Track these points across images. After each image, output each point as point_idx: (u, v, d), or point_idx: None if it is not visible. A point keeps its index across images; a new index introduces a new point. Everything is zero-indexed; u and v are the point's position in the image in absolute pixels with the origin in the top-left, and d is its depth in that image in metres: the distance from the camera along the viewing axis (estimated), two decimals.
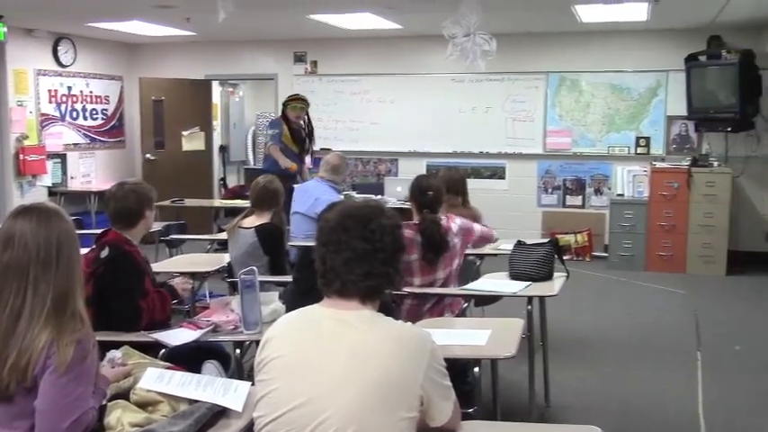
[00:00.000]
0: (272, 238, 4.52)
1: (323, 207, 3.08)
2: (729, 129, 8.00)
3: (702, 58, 8.06)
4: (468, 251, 5.01)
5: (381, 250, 1.88)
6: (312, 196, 5.65)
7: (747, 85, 7.69)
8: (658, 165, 8.28)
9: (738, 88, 7.65)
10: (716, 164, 8.09)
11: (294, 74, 9.74)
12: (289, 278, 4.15)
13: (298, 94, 7.77)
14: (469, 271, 4.75)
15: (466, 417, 2.83)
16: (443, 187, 4.32)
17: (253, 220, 4.57)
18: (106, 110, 9.95)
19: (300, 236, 5.49)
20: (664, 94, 8.55)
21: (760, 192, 8.15)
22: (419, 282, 3.96)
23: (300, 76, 9.72)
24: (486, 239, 4.52)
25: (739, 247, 8.15)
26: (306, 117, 7.70)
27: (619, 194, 8.55)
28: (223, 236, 5.21)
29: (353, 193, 7.98)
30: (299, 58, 9.73)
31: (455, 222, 4.09)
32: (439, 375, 1.86)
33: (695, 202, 7.90)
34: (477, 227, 4.34)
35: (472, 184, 8.81)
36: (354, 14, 7.49)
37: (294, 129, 7.54)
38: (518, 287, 3.93)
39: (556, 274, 4.14)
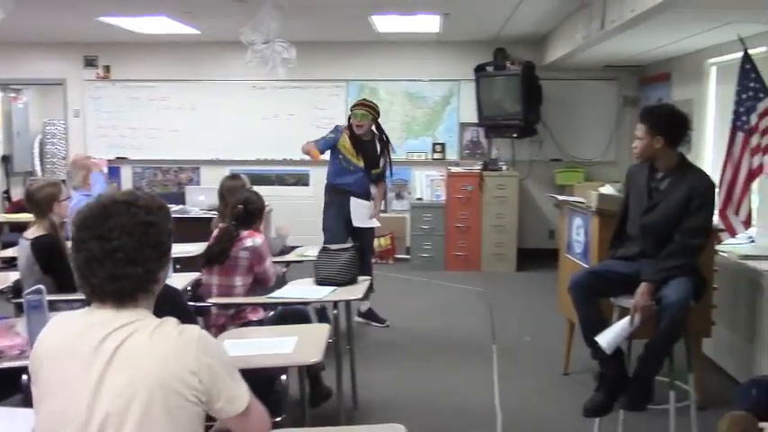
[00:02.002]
0: (47, 253, 3.88)
1: None
2: (515, 135, 8.60)
3: (490, 69, 8.60)
4: (276, 258, 5.01)
5: (119, 250, 1.74)
6: None
7: (530, 95, 8.32)
8: (453, 169, 8.71)
9: (522, 97, 8.25)
10: (504, 167, 8.66)
11: (85, 79, 9.22)
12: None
13: (364, 99, 6.21)
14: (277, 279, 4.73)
15: (275, 426, 2.82)
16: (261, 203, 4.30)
17: (33, 231, 4.02)
18: None
19: None
20: (456, 103, 9.03)
21: (543, 193, 8.80)
22: (217, 281, 4.01)
23: (92, 81, 9.21)
24: (265, 280, 4.16)
25: (527, 245, 8.79)
26: (375, 127, 5.99)
27: (418, 198, 8.91)
28: (6, 253, 4.78)
29: None
30: (90, 63, 9.21)
31: (253, 240, 4.04)
32: (214, 360, 1.76)
33: (487, 204, 8.40)
34: (268, 263, 4.15)
35: (277, 191, 8.90)
36: (148, 18, 7.21)
37: (357, 139, 5.89)
38: (324, 292, 3.97)
39: (360, 278, 4.24)
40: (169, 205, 1.97)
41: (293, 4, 6.19)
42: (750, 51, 4.76)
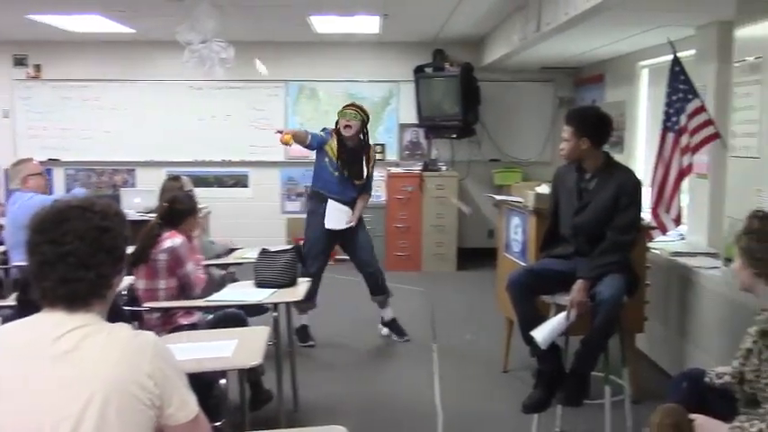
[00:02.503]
0: None
1: None
2: (454, 135, 8.69)
3: (429, 70, 8.67)
4: (213, 261, 4.94)
5: (71, 254, 1.74)
6: None
7: (468, 96, 8.41)
8: (394, 170, 8.74)
9: (460, 98, 8.33)
10: (444, 168, 8.73)
11: (14, 78, 8.92)
12: None
13: (354, 102, 5.82)
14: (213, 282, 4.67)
15: (214, 430, 2.79)
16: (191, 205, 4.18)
17: None
18: None
19: None
20: (396, 103, 9.07)
21: (482, 193, 8.89)
22: (142, 285, 3.90)
23: (22, 80, 8.92)
24: (187, 285, 3.95)
25: (467, 245, 8.88)
26: (360, 132, 5.53)
27: None
28: None
29: None
30: (20, 62, 8.92)
31: (172, 241, 3.91)
32: (167, 365, 1.77)
33: (427, 204, 8.46)
34: (189, 267, 3.94)
35: (215, 193, 8.78)
36: (81, 16, 7.02)
37: (344, 143, 5.48)
38: (264, 295, 3.93)
39: (300, 280, 4.22)
40: None
41: (231, 3, 6.11)
42: (679, 54, 4.90)
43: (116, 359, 1.70)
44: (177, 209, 4.04)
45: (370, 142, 5.72)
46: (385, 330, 5.81)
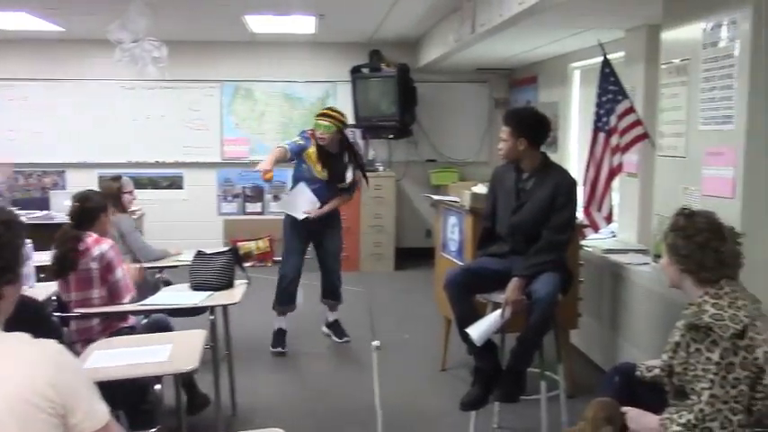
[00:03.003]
0: None
1: None
2: (391, 136, 8.72)
3: (365, 71, 8.68)
4: (150, 264, 4.85)
5: None
6: None
7: (405, 96, 8.45)
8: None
9: (397, 99, 8.37)
10: (381, 168, 8.76)
11: None
12: None
13: (329, 109, 5.50)
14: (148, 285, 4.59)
15: None
16: (103, 202, 4.02)
17: None
18: None
19: None
20: (333, 104, 9.00)
21: (420, 193, 8.94)
22: (74, 297, 3.72)
23: None
24: (116, 293, 3.79)
25: (404, 244, 8.93)
26: (340, 139, 5.35)
27: None
28: None
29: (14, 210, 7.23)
30: None
31: (99, 248, 3.76)
32: (71, 374, 1.71)
33: (366, 204, 8.46)
34: (119, 274, 3.80)
35: (150, 194, 8.61)
36: (7, 13, 6.79)
37: (324, 151, 5.31)
38: (199, 297, 3.87)
39: (237, 282, 4.17)
40: (32, 211, 1.87)
41: (164, 1, 6.01)
42: (609, 56, 5.02)
43: (16, 368, 1.64)
44: (88, 207, 3.86)
45: (357, 149, 5.65)
46: (326, 330, 5.83)
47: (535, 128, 3.72)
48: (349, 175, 5.42)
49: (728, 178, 3.30)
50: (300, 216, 5.35)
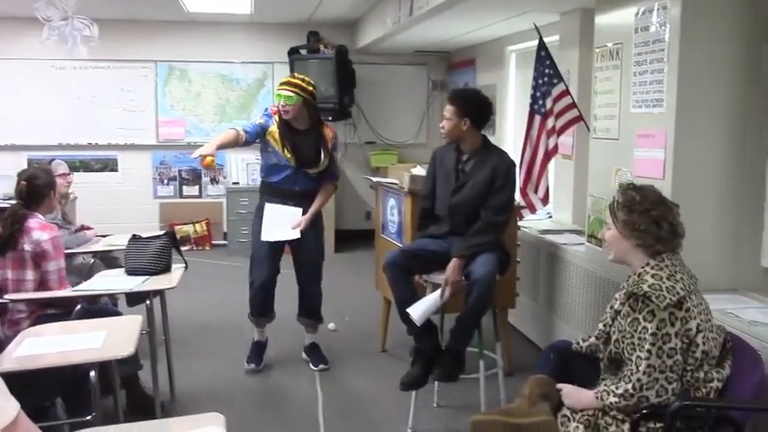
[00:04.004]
0: None
1: None
2: (330, 118, 8.62)
3: (304, 52, 8.60)
4: (77, 250, 4.74)
5: None
6: None
7: (343, 78, 8.41)
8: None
9: (336, 81, 8.32)
10: None
11: None
12: None
13: (291, 77, 4.59)
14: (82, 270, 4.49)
15: (84, 425, 2.68)
16: (50, 180, 3.95)
17: None
18: None
19: None
20: (271, 85, 8.94)
21: (359, 175, 8.93)
22: (10, 276, 3.63)
23: None
24: (45, 283, 3.66)
25: (345, 227, 8.93)
26: (306, 111, 4.47)
27: (234, 183, 8.77)
28: None
29: None
30: None
31: (40, 234, 3.65)
32: None
33: None
34: (52, 266, 3.65)
35: (83, 177, 8.38)
36: None
37: (288, 127, 4.46)
38: (135, 282, 3.80)
39: (174, 266, 4.10)
40: None
41: None
42: (545, 39, 5.09)
43: None
44: (36, 185, 3.80)
45: (325, 127, 4.60)
46: (305, 356, 4.87)
47: (479, 109, 3.76)
48: (321, 157, 4.52)
49: (659, 160, 3.39)
50: (292, 234, 4.56)
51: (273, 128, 4.47)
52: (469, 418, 2.66)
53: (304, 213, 4.59)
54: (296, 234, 4.55)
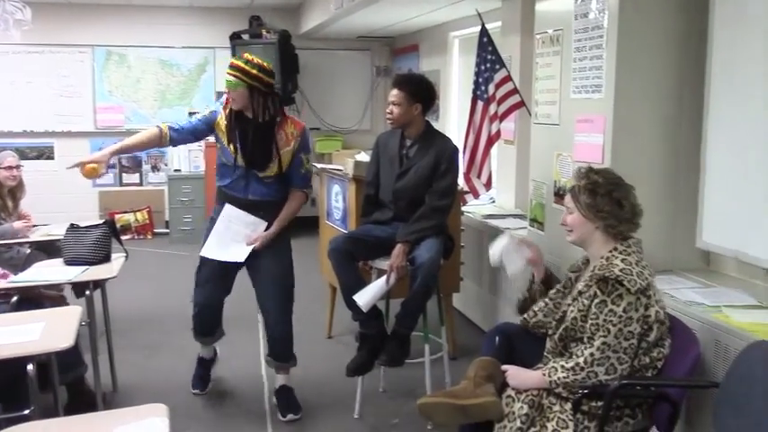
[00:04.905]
0: None
1: None
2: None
3: (246, 37, 8.47)
4: (9, 241, 4.61)
5: None
6: None
7: (286, 64, 8.31)
8: (211, 139, 8.48)
9: (279, 66, 8.21)
10: None
11: None
12: None
13: (237, 58, 3.79)
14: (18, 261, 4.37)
15: (21, 419, 2.61)
16: None
17: None
18: None
19: None
20: (212, 71, 8.82)
21: None
22: None
23: None
24: None
25: None
26: (257, 100, 3.65)
27: (176, 170, 8.63)
28: None
29: None
30: None
31: None
32: None
33: None
34: None
35: None
36: None
37: (239, 119, 3.71)
38: (74, 273, 3.72)
39: (115, 255, 4.02)
40: None
41: None
42: (487, 26, 5.12)
43: None
44: None
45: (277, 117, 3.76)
46: (274, 400, 3.98)
47: (428, 94, 3.78)
48: (275, 158, 3.72)
49: (598, 144, 3.45)
50: (236, 256, 3.78)
51: (221, 118, 3.79)
52: (417, 402, 2.69)
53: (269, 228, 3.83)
54: (241, 256, 3.75)
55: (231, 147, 3.74)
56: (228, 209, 3.80)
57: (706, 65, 3.26)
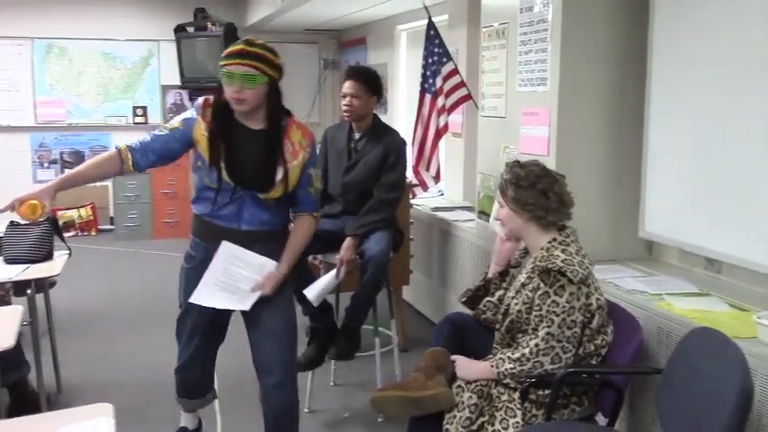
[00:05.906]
0: None
1: None
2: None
3: (190, 30, 8.36)
4: None
5: None
6: None
7: None
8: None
9: None
10: None
11: None
12: None
13: (246, 42, 2.92)
14: None
15: None
16: None
17: None
18: None
19: None
20: (157, 64, 8.67)
21: None
22: None
23: None
24: None
25: None
26: (267, 101, 2.87)
27: None
28: None
29: None
30: None
31: None
32: None
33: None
34: None
35: None
36: None
37: (228, 123, 2.82)
38: (14, 272, 3.62)
39: (57, 253, 3.93)
40: None
41: None
42: (434, 19, 5.14)
43: None
44: None
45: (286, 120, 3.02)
46: None
47: (380, 87, 3.83)
48: (279, 175, 2.78)
49: (543, 137, 3.50)
50: (241, 304, 2.88)
51: (199, 127, 2.81)
52: (370, 396, 2.69)
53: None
54: (246, 303, 2.86)
55: (217, 165, 2.75)
56: (228, 247, 2.82)
57: (647, 58, 3.33)
